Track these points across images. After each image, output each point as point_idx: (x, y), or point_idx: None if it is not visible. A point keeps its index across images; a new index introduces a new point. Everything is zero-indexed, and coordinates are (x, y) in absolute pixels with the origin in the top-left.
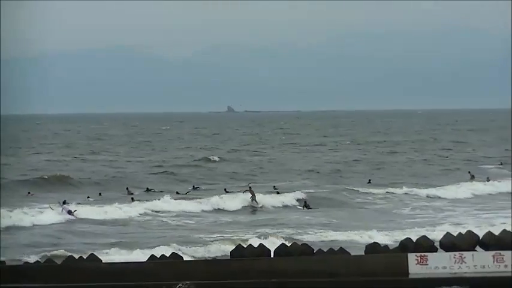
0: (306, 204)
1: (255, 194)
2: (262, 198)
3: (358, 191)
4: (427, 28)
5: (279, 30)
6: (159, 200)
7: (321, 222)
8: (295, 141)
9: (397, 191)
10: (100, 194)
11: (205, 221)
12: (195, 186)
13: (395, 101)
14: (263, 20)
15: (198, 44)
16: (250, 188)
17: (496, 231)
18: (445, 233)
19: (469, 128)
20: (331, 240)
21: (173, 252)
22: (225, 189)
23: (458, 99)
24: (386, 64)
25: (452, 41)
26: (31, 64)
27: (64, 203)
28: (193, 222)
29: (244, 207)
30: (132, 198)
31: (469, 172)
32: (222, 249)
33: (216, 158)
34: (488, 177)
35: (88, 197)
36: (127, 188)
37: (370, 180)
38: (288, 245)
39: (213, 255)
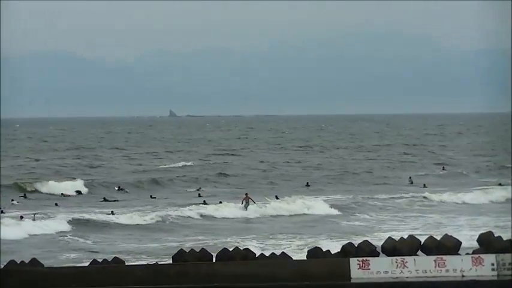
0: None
1: (249, 202)
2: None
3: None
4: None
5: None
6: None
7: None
8: (255, 144)
9: (347, 194)
10: (25, 195)
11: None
12: (120, 187)
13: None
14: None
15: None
16: (246, 195)
17: (438, 236)
18: (386, 237)
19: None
20: None
21: (115, 257)
22: (150, 196)
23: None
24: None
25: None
26: None
27: None
28: None
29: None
30: (56, 204)
31: (410, 178)
32: None
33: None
34: (424, 184)
35: (12, 200)
36: (62, 194)
37: (307, 183)
38: (230, 249)
39: None
